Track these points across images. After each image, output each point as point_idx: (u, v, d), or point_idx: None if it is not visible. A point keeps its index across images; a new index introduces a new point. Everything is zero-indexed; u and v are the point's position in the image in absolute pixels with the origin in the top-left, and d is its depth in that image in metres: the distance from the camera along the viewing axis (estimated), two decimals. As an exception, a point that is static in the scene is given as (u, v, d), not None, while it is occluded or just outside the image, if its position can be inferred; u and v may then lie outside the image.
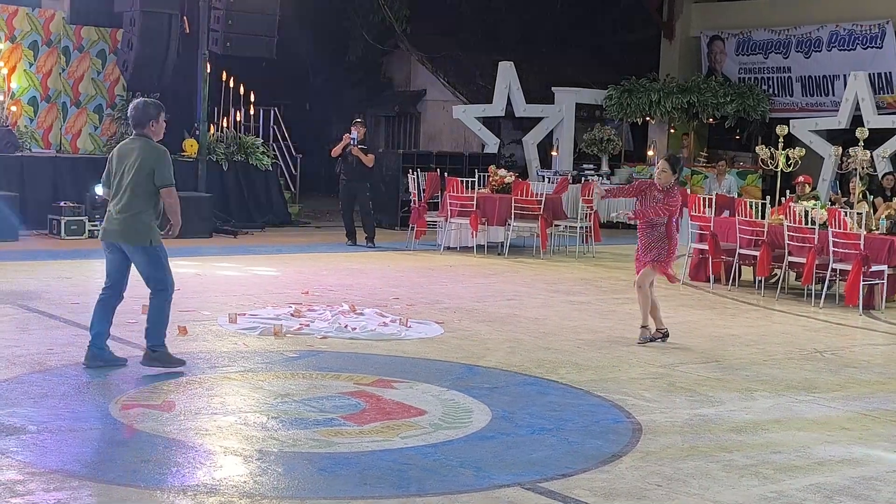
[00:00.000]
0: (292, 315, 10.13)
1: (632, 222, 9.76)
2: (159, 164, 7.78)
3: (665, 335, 9.87)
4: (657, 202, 9.78)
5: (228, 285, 12.17)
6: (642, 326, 9.86)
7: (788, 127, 14.94)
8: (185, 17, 18.34)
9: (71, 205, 16.14)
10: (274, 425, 6.65)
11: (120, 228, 7.80)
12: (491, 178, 16.87)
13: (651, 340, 9.79)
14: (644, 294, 9.83)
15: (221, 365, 8.09)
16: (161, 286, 7.88)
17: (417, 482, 5.71)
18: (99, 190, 16.44)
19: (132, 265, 7.95)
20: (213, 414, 6.86)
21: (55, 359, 8.14)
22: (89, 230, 16.08)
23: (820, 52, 21.88)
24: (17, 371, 7.72)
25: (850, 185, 14.46)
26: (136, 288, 8.01)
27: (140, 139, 7.92)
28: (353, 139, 16.32)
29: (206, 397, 7.26)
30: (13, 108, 17.90)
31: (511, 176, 16.91)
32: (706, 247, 13.77)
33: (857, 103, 19.71)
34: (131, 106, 8.05)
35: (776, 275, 13.55)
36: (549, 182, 18.56)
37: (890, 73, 20.56)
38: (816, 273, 12.55)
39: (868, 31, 20.95)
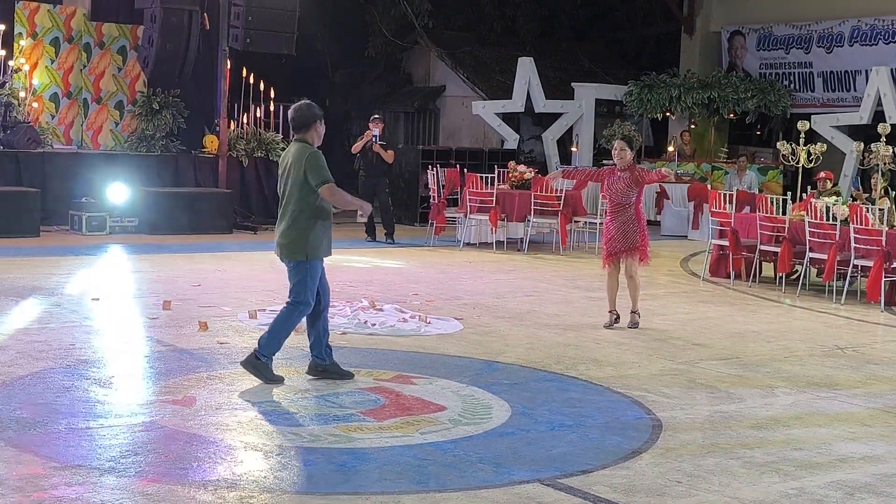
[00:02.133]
0: (312, 311, 10.14)
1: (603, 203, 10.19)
2: (309, 164, 7.27)
3: (617, 319, 10.31)
4: (624, 179, 10.02)
5: (249, 281, 12.21)
6: (632, 311, 10.28)
7: (810, 122, 14.84)
8: (205, 14, 18.40)
9: (92, 201, 16.23)
10: (294, 421, 6.67)
11: (280, 241, 7.47)
12: (510, 174, 16.85)
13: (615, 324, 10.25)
14: (635, 283, 10.28)
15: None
16: (298, 301, 7.47)
17: (436, 478, 5.71)
18: (113, 193, 16.71)
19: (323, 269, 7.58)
20: (233, 409, 6.89)
21: (77, 354, 8.19)
22: (110, 226, 16.19)
23: (842, 46, 21.75)
24: (39, 366, 7.77)
25: (872, 181, 14.37)
26: (157, 283, 8.03)
27: (296, 144, 7.47)
28: (375, 136, 16.32)
29: (226, 393, 7.28)
30: (35, 105, 17.98)
31: (531, 172, 16.89)
32: (726, 243, 13.71)
33: (879, 98, 19.59)
34: (292, 108, 7.50)
35: (797, 271, 13.49)
36: (568, 178, 18.51)
37: (912, 68, 20.44)
38: (838, 269, 12.49)
39: (890, 26, 20.81)
